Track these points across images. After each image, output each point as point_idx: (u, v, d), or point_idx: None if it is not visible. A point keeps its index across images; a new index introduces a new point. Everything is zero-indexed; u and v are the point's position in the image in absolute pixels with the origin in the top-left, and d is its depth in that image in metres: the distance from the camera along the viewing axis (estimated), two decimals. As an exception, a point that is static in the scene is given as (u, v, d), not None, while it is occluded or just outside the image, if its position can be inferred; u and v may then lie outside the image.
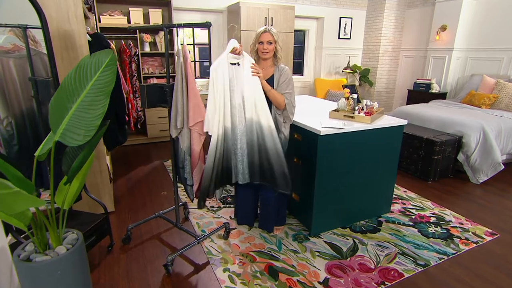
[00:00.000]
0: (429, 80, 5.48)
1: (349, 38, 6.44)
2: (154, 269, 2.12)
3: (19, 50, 2.27)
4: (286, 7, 5.05)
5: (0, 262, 1.55)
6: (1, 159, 1.17)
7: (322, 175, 2.32)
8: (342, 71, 6.34)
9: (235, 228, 2.60)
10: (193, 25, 1.94)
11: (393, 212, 2.87)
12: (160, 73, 4.78)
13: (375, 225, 2.64)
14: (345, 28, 6.34)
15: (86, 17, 3.04)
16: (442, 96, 5.30)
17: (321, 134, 2.19)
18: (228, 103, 2.01)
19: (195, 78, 2.02)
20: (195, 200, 2.24)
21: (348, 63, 6.22)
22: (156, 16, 4.50)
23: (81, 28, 2.33)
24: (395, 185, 3.42)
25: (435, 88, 5.37)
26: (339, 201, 2.50)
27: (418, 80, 5.66)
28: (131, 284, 1.99)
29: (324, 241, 2.41)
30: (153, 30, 4.64)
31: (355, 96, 2.60)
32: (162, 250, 2.33)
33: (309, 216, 2.45)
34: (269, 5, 4.97)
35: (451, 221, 2.75)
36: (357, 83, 6.48)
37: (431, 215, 2.84)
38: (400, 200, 3.10)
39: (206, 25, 1.80)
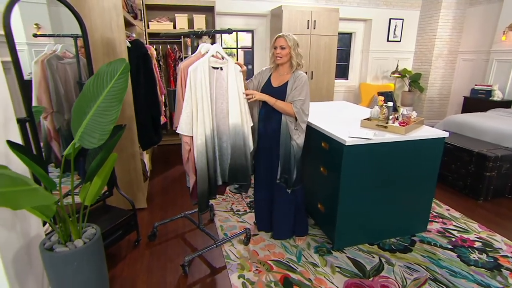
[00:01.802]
0: (490, 86, 4.90)
1: (399, 41, 6.04)
2: (173, 267, 2.19)
3: (71, 57, 2.51)
4: (330, 9, 4.90)
5: (35, 249, 1.71)
6: (28, 159, 1.29)
7: (347, 187, 2.19)
8: (390, 76, 5.96)
9: (257, 234, 2.58)
10: (216, 32, 1.97)
11: (430, 231, 2.61)
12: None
13: (406, 244, 2.43)
14: (395, 30, 5.96)
15: (131, 25, 3.26)
16: (505, 104, 4.70)
17: (347, 144, 2.07)
18: (207, 107, 1.97)
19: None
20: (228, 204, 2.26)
21: (397, 67, 5.84)
22: (200, 21, 4.66)
23: (121, 36, 2.50)
24: (437, 202, 3.12)
25: (497, 96, 4.78)
26: (366, 215, 2.34)
27: (476, 86, 5.09)
28: (150, 279, 2.07)
29: (347, 257, 2.28)
30: (197, 35, 4.80)
31: (390, 104, 2.42)
32: (183, 250, 2.39)
33: (333, 228, 2.33)
34: (312, 7, 4.87)
35: (501, 249, 2.41)
36: (406, 89, 6.05)
37: (477, 239, 2.53)
38: (441, 219, 2.81)
39: (228, 32, 1.81)
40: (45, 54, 2.41)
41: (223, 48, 5.61)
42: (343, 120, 2.70)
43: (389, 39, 6.00)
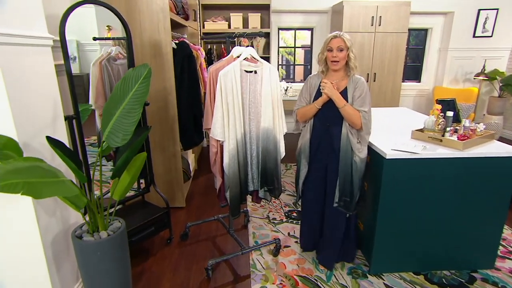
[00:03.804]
0: None
1: (490, 36, 5.38)
2: (198, 269, 2.32)
3: (123, 58, 2.84)
4: (399, 3, 4.62)
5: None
6: (63, 155, 1.52)
7: (388, 205, 2.08)
8: (474, 78, 5.35)
9: (289, 246, 2.58)
10: (249, 35, 2.05)
11: (499, 270, 2.30)
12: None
13: (463, 281, 2.18)
14: (485, 23, 5.34)
15: (182, 26, 3.54)
16: None
17: (387, 157, 1.96)
18: (238, 111, 2.04)
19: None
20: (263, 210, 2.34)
21: (483, 68, 5.22)
22: (254, 20, 4.81)
23: (167, 38, 2.74)
24: (515, 233, 2.73)
25: None
26: (412, 239, 2.18)
27: None
28: (175, 278, 2.23)
29: (385, 284, 2.15)
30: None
31: (450, 114, 2.21)
32: (211, 253, 2.52)
33: (370, 249, 2.22)
34: (378, 2, 4.64)
35: None
36: (496, 94, 5.37)
37: (562, 285, 2.16)
38: (516, 256, 2.46)
39: (259, 35, 1.88)
40: (101, 56, 2.77)
41: (281, 47, 5.69)
42: (396, 129, 2.55)
43: (476, 35, 5.40)
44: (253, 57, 2.06)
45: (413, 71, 5.81)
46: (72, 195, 1.33)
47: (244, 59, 2.03)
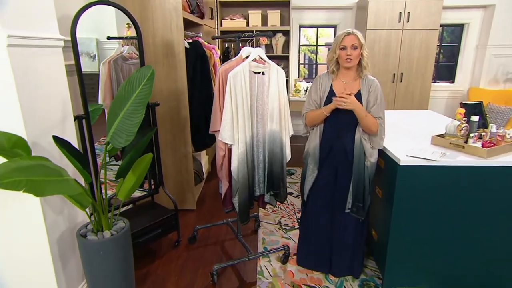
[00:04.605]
0: None
1: (536, 31, 5.12)
2: (204, 274, 2.38)
3: (136, 58, 2.97)
4: (431, -3, 4.50)
5: (80, 233, 2.11)
6: (69, 154, 1.63)
7: (402, 214, 2.05)
8: (516, 78, 5.12)
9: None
10: (256, 35, 2.10)
11: (528, 289, 2.21)
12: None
13: (486, 299, 2.12)
14: (530, 17, 5.09)
15: (197, 25, 3.63)
16: None
17: (401, 164, 1.94)
18: (248, 113, 2.08)
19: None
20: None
21: (526, 67, 4.98)
22: (273, 17, 4.84)
23: (180, 37, 2.83)
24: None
25: None
26: (429, 253, 2.13)
27: None
28: (180, 282, 2.31)
29: (398, 299, 2.12)
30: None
31: (475, 118, 2.14)
32: (219, 257, 2.58)
33: (383, 260, 2.20)
34: (407, -4, 4.54)
35: None
36: (540, 96, 5.10)
37: None
38: (549, 275, 2.34)
39: (267, 35, 1.92)
40: (112, 55, 2.91)
41: (302, 45, 5.69)
42: (417, 134, 2.50)
43: (520, 30, 5.15)
44: (261, 58, 2.10)
45: (447, 71, 5.63)
46: (75, 193, 1.42)
47: (252, 60, 2.08)
